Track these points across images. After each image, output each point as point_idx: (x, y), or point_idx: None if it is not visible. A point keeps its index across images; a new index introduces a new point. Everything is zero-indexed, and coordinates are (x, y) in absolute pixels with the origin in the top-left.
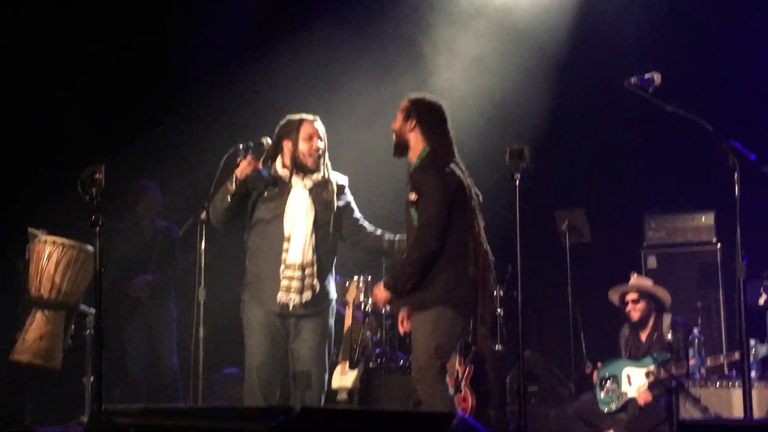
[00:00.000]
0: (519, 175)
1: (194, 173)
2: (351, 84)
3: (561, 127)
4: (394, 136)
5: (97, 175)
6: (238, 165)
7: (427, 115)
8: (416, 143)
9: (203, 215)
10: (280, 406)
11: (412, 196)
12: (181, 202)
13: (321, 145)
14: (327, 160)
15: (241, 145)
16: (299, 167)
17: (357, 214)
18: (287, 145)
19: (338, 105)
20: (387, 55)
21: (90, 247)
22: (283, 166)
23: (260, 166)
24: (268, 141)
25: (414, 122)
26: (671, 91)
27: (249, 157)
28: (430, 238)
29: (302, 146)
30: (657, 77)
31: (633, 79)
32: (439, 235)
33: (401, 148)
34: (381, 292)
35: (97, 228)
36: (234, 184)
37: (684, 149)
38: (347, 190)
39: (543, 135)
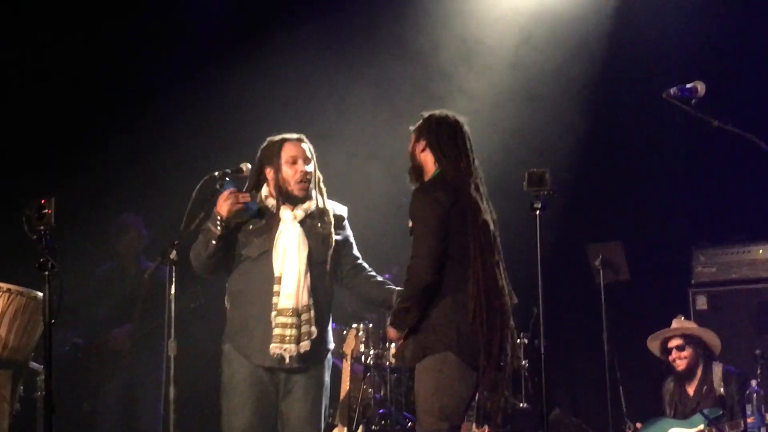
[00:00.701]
0: (540, 204)
1: (182, 205)
2: (347, 101)
3: (593, 148)
4: (410, 162)
5: (46, 210)
6: (217, 200)
7: (437, 133)
8: (429, 166)
9: (172, 255)
10: None
11: (410, 224)
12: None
13: (308, 168)
14: (321, 186)
15: (216, 173)
16: (285, 196)
17: (356, 251)
18: (270, 172)
19: (331, 125)
20: (389, 68)
21: (39, 295)
22: (270, 195)
23: (248, 197)
24: (248, 167)
25: (424, 142)
26: (718, 103)
27: (231, 190)
28: (421, 272)
29: (285, 171)
30: (701, 87)
31: (673, 90)
32: (431, 267)
33: (416, 172)
34: (392, 332)
35: (47, 272)
36: (219, 226)
37: (736, 171)
38: (346, 223)
39: (572, 157)
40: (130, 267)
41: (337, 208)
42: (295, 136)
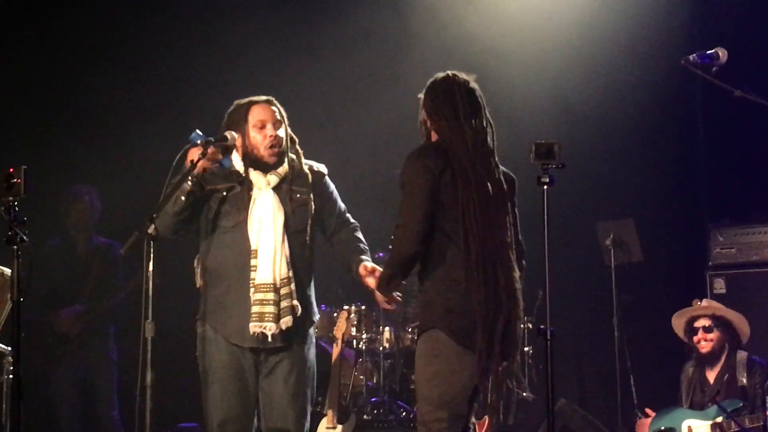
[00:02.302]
0: (548, 178)
1: (138, 176)
2: (324, 57)
3: (605, 119)
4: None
5: (15, 180)
6: (191, 158)
7: (433, 97)
8: (435, 134)
9: (150, 229)
10: None
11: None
12: (121, 213)
13: (279, 132)
14: (297, 147)
15: (199, 142)
16: (255, 163)
17: (341, 206)
18: (238, 138)
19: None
20: (372, 18)
21: (6, 271)
22: (241, 161)
23: (220, 155)
24: (233, 135)
25: (424, 112)
26: (740, 71)
27: (204, 142)
28: (404, 241)
29: (254, 136)
30: (722, 54)
31: (693, 57)
32: (415, 236)
33: None
34: (377, 294)
35: (15, 246)
36: (190, 181)
37: (758, 144)
38: (327, 180)
39: (583, 129)
40: (80, 242)
41: (315, 166)
42: (263, 98)
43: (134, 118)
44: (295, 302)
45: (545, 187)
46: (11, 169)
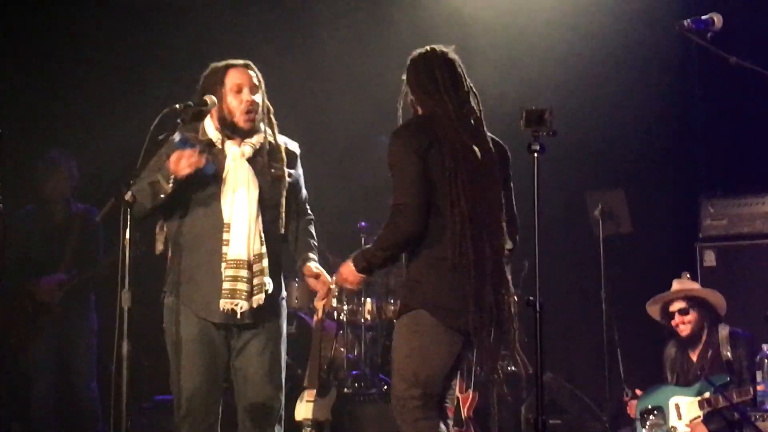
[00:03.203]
0: (539, 146)
1: (113, 140)
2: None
3: (594, 86)
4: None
5: None
6: (175, 165)
7: (415, 72)
8: (420, 108)
9: (128, 195)
10: None
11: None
12: (101, 178)
13: (256, 98)
14: (272, 118)
15: (177, 105)
16: (230, 128)
17: (304, 193)
18: (211, 101)
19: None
20: None
21: None
22: (215, 128)
23: (203, 161)
24: (213, 100)
25: (409, 88)
26: (736, 37)
27: (189, 152)
28: (406, 221)
29: (230, 101)
30: (717, 19)
31: (687, 22)
32: (417, 215)
33: None
34: (352, 276)
35: None
36: (170, 183)
37: (752, 114)
38: (299, 162)
39: (571, 96)
40: (57, 210)
41: (289, 144)
42: (240, 61)
43: (113, 81)
44: (267, 279)
45: (536, 155)
46: None
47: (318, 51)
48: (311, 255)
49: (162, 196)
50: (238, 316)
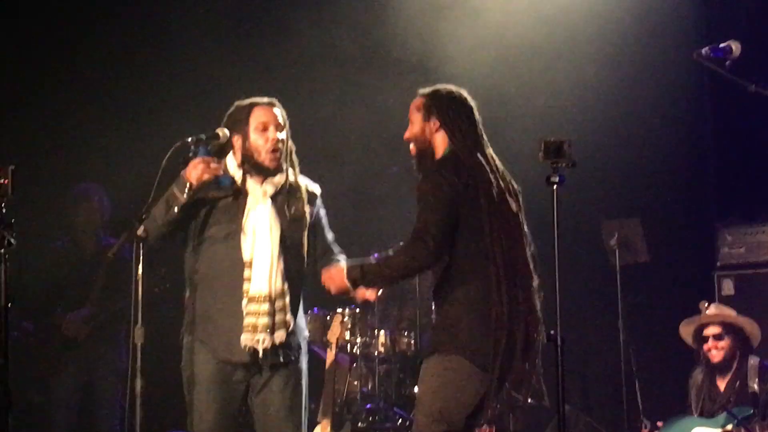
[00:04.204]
0: (558, 178)
1: (148, 174)
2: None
3: (606, 115)
4: (412, 146)
5: (2, 181)
6: (187, 165)
7: (451, 110)
8: (440, 147)
9: (140, 230)
10: None
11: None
12: (130, 213)
13: (280, 135)
14: (293, 158)
15: (189, 139)
16: (254, 167)
17: (329, 233)
18: (237, 140)
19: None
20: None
21: None
22: (237, 166)
23: (221, 170)
24: (225, 132)
25: (438, 121)
26: (755, 65)
27: (204, 158)
28: (422, 250)
29: (255, 139)
30: (735, 47)
31: (705, 50)
32: (434, 248)
33: (427, 157)
34: (339, 279)
35: (3, 250)
36: (185, 193)
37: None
38: (320, 201)
39: (588, 126)
40: (88, 243)
41: (310, 185)
42: (265, 99)
43: (143, 113)
44: (289, 317)
45: (554, 186)
46: None
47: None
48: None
49: (176, 208)
50: (260, 352)
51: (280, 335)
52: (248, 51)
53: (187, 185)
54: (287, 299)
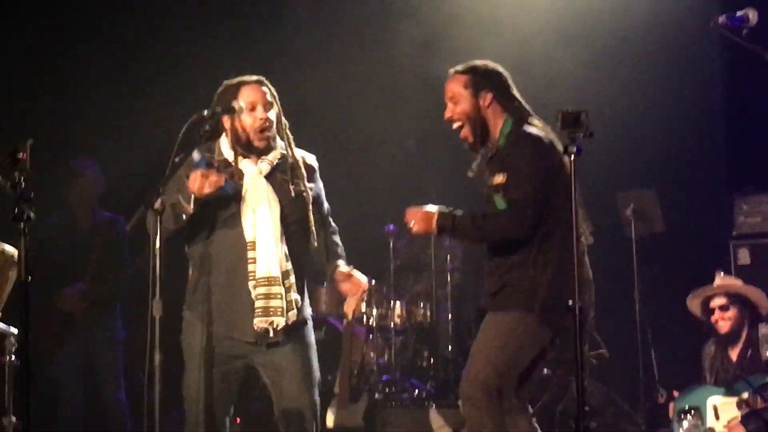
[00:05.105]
0: (575, 148)
1: (141, 148)
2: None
3: (625, 86)
4: (463, 125)
5: (21, 155)
6: (194, 186)
7: (499, 83)
8: (495, 119)
9: (157, 204)
10: None
11: (499, 178)
12: (126, 186)
13: (270, 115)
14: (288, 133)
15: (205, 113)
16: (245, 147)
17: (326, 206)
18: (226, 121)
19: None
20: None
21: (10, 249)
22: (230, 147)
23: (223, 180)
24: (241, 106)
25: (490, 94)
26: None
27: (208, 172)
28: (522, 221)
29: (244, 119)
30: (753, 15)
31: (722, 18)
32: (533, 220)
33: (482, 134)
34: (427, 222)
35: (23, 223)
36: (191, 203)
37: None
38: (317, 175)
39: (600, 96)
40: (83, 218)
41: (307, 158)
42: (253, 78)
43: (138, 87)
44: (296, 296)
45: (572, 156)
46: (16, 144)
47: (330, 59)
48: (340, 261)
49: (183, 217)
50: (271, 333)
51: (292, 315)
52: (243, 26)
53: (192, 197)
54: (293, 278)
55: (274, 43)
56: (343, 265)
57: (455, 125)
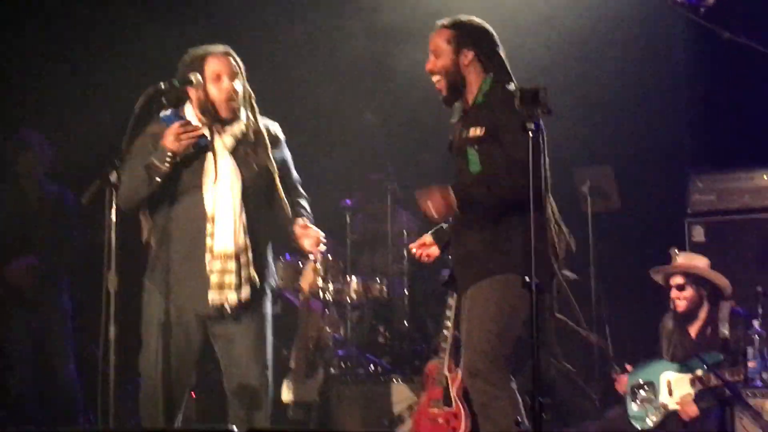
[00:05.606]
0: (533, 125)
1: (96, 119)
2: None
3: (579, 62)
4: (439, 78)
5: None
6: (169, 141)
7: (484, 42)
8: (475, 77)
9: (113, 176)
10: (217, 428)
11: (477, 131)
12: (78, 160)
13: (236, 85)
14: (253, 103)
15: (162, 84)
16: (212, 118)
17: (294, 175)
18: (192, 91)
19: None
20: None
21: None
22: (197, 119)
23: (200, 131)
24: (198, 78)
25: (471, 53)
26: (730, 12)
27: (182, 123)
28: (522, 178)
29: (210, 89)
30: None
31: None
32: (526, 181)
33: (457, 89)
34: (447, 200)
35: None
36: (167, 163)
37: (743, 89)
38: (283, 143)
39: (560, 72)
40: (30, 190)
41: (271, 127)
42: (220, 48)
43: (89, 57)
44: (252, 271)
45: (530, 133)
46: None
47: (294, 32)
48: (300, 219)
49: (158, 179)
50: (227, 308)
51: (245, 291)
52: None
53: (169, 155)
54: (250, 254)
55: (241, 12)
56: (304, 218)
57: (434, 78)
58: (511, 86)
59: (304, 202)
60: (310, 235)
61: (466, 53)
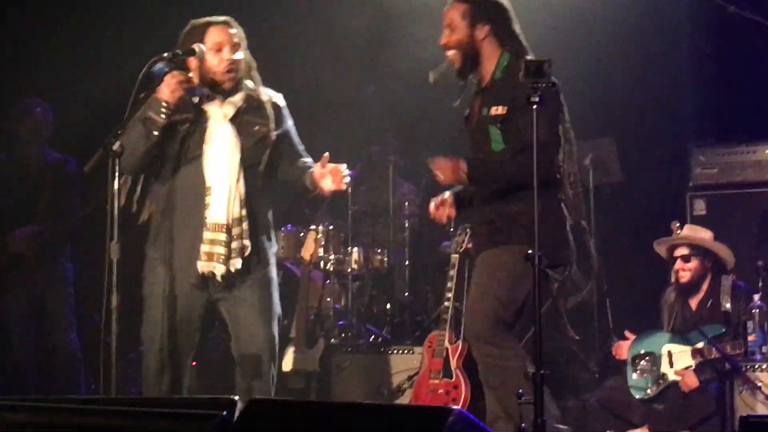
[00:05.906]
0: (538, 98)
1: (99, 87)
2: None
3: (582, 34)
4: (454, 53)
5: None
6: (160, 85)
7: (499, 16)
8: (491, 52)
9: (115, 145)
10: (218, 398)
11: (499, 110)
12: (81, 128)
13: (236, 56)
14: (255, 74)
15: (165, 54)
16: (212, 88)
17: (297, 144)
18: (193, 62)
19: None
20: None
21: None
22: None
23: (194, 80)
24: (201, 48)
25: (487, 27)
26: None
27: (175, 73)
28: (552, 163)
29: (211, 60)
30: None
31: None
32: (557, 161)
33: (472, 63)
34: (455, 169)
35: None
36: (162, 114)
37: (746, 63)
38: (285, 112)
39: (560, 45)
40: (32, 158)
41: (273, 97)
42: (221, 19)
43: (92, 25)
44: (246, 242)
45: (534, 106)
46: None
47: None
48: (304, 167)
49: (155, 132)
50: (218, 278)
51: (235, 263)
52: None
53: (163, 105)
54: (245, 225)
55: None
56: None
57: (449, 52)
58: None
59: (311, 162)
60: (332, 172)
61: (481, 27)
